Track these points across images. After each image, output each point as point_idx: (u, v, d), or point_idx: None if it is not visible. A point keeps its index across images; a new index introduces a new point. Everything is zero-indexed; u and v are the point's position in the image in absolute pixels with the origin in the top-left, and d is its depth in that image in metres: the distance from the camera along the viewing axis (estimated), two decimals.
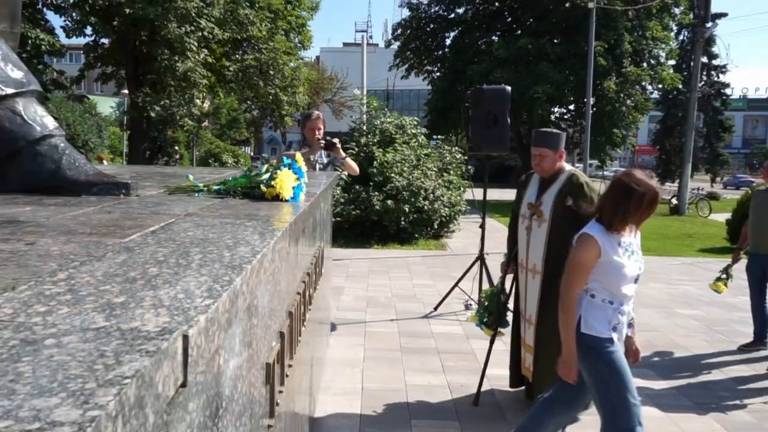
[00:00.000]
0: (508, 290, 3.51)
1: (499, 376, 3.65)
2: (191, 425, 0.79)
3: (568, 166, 3.22)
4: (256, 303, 1.22)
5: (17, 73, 2.01)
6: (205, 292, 0.85)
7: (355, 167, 4.63)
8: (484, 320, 3.49)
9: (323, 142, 4.11)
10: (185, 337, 0.68)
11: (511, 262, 3.46)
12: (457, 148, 11.63)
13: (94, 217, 1.55)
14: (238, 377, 1.07)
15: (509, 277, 3.49)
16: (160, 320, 0.71)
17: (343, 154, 4.27)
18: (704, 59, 27.09)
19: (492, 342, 3.51)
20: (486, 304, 3.51)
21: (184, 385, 0.69)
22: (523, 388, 3.51)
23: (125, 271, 0.96)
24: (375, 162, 9.75)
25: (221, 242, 1.24)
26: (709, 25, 19.37)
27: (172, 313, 0.74)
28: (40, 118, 2.02)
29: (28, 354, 0.59)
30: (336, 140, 4.20)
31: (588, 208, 3.00)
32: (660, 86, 22.30)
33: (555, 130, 3.33)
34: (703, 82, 28.27)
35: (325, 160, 4.38)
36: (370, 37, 51.29)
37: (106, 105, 28.47)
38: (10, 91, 1.94)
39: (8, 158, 1.97)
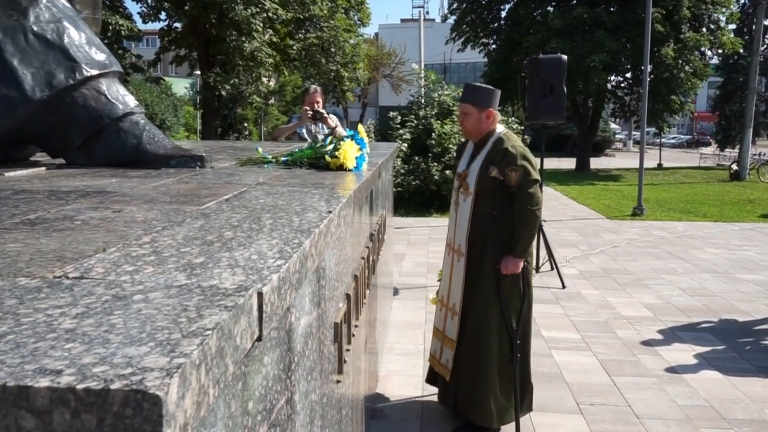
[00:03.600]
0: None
1: None
2: (267, 377, 0.83)
3: (500, 128, 2.76)
4: (323, 266, 1.25)
5: (100, 56, 2.13)
6: (277, 254, 0.87)
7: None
8: None
9: (311, 113, 4.27)
10: (260, 294, 0.71)
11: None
12: (513, 118, 11.35)
13: (173, 187, 1.64)
14: (309, 335, 1.11)
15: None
16: (237, 279, 0.75)
17: (333, 124, 4.35)
18: (767, 22, 24.73)
19: None
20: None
21: (259, 338, 0.72)
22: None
23: (203, 235, 1.00)
24: (433, 134, 9.75)
25: (290, 208, 1.27)
26: None
27: (247, 273, 0.77)
28: (122, 97, 2.14)
29: (119, 308, 0.64)
30: (323, 111, 4.36)
31: (515, 176, 2.58)
32: (720, 51, 21.06)
33: (486, 86, 2.84)
34: (765, 46, 26.25)
35: (326, 131, 4.49)
36: (427, 12, 50.28)
37: (181, 86, 29.90)
38: (94, 72, 2.07)
39: (95, 134, 2.11)
